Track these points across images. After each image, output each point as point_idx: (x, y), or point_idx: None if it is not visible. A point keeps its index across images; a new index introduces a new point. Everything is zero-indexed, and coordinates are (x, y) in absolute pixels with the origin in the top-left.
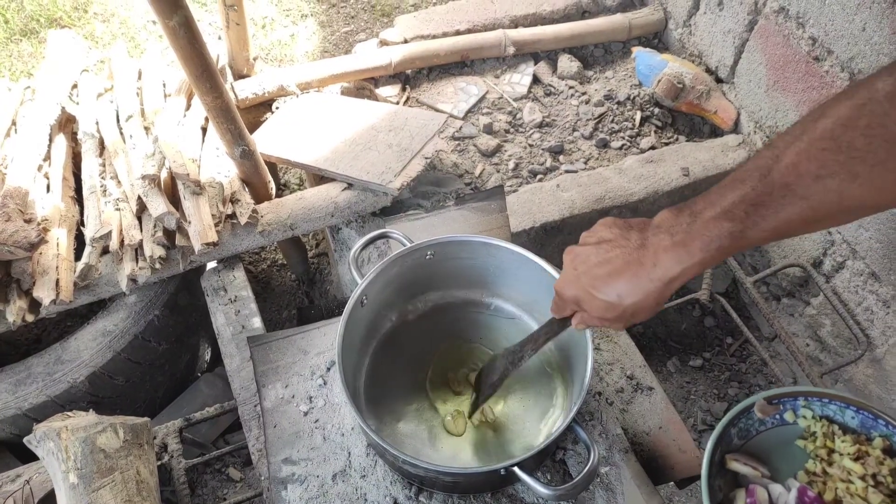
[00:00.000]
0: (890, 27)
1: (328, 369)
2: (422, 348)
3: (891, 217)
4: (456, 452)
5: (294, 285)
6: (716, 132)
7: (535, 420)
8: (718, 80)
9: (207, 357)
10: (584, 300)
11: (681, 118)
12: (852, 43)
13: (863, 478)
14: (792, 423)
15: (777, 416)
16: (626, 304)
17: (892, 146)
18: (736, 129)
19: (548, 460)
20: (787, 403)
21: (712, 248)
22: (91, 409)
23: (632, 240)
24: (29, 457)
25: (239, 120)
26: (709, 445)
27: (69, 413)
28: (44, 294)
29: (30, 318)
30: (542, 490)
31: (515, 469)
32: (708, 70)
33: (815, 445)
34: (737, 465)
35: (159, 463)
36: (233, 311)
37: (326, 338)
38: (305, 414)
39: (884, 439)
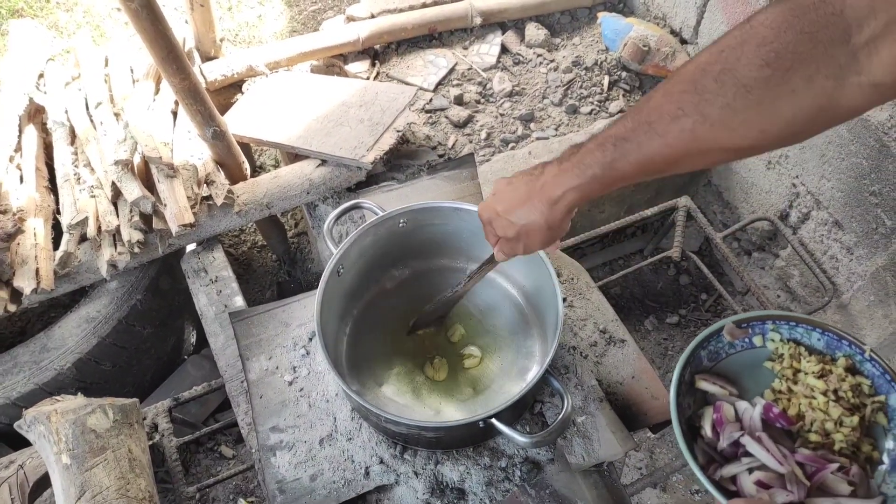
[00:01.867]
0: None
1: (310, 339)
2: (401, 315)
3: (850, 166)
4: (438, 411)
5: (275, 265)
6: None
7: (514, 378)
8: (683, 42)
9: (193, 339)
10: (493, 221)
11: (648, 81)
12: None
13: (825, 393)
14: (760, 346)
15: (746, 340)
16: (521, 223)
17: (739, 89)
18: None
19: (526, 413)
20: (756, 327)
21: (587, 175)
22: (79, 394)
23: (536, 171)
24: (19, 445)
25: (208, 101)
26: (678, 365)
27: (57, 398)
28: (24, 284)
29: (12, 308)
30: (519, 439)
31: (494, 420)
32: (672, 32)
33: (781, 366)
34: (705, 385)
35: (151, 443)
36: (214, 292)
37: (307, 310)
38: (290, 383)
39: (847, 358)
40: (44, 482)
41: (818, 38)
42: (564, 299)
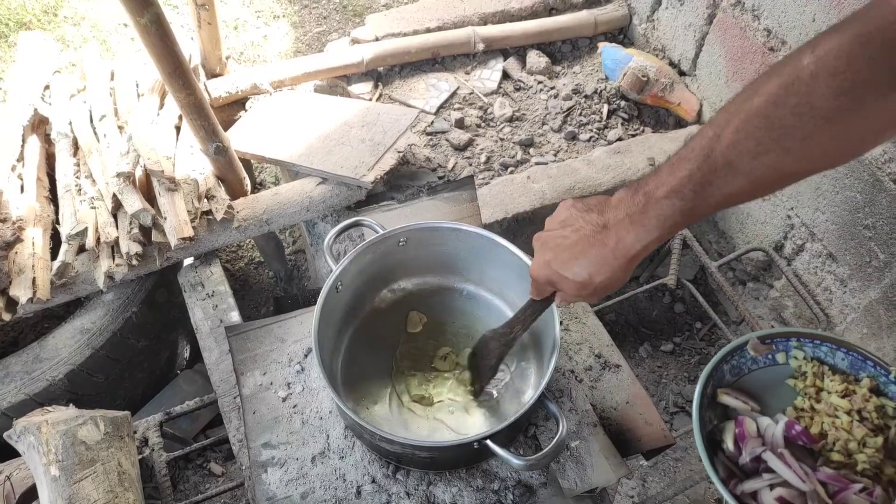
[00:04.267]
0: (837, 17)
1: (305, 356)
2: (397, 334)
3: (845, 199)
4: (431, 432)
5: (271, 282)
6: (680, 123)
7: (509, 401)
8: (681, 73)
9: (186, 354)
10: (558, 282)
11: (646, 110)
12: (804, 33)
13: (848, 413)
14: (783, 363)
15: (769, 356)
16: (597, 281)
17: (818, 121)
18: (699, 119)
19: (520, 436)
20: (780, 344)
21: (667, 225)
22: (71, 405)
23: (592, 221)
24: (7, 456)
25: (212, 116)
26: (701, 378)
27: (48, 408)
28: (20, 293)
29: (6, 317)
30: (514, 461)
31: (488, 442)
32: (671, 63)
33: (804, 384)
34: (728, 399)
35: (140, 457)
36: (211, 306)
37: (303, 326)
38: (284, 399)
39: (871, 379)
40: (31, 494)
41: (886, 63)
42: (561, 322)
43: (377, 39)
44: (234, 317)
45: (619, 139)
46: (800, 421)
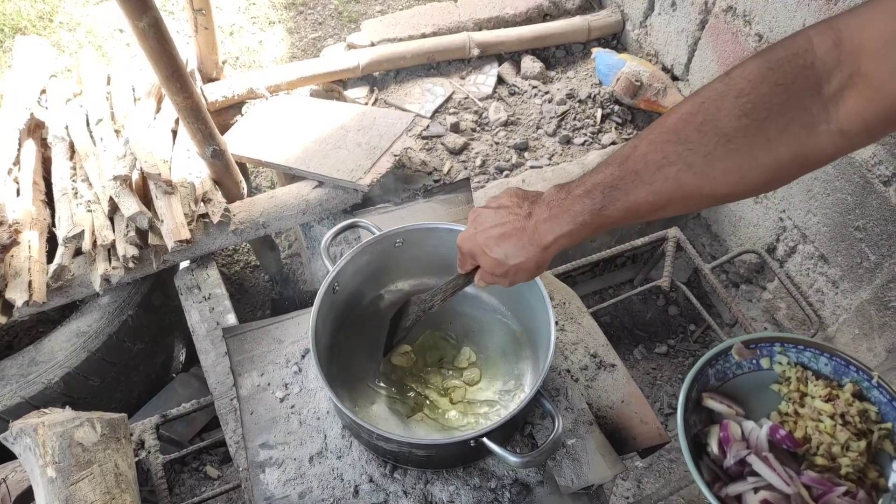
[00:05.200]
0: None
1: (303, 357)
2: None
3: (836, 202)
4: (428, 432)
5: (267, 286)
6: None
7: (505, 400)
8: (674, 78)
9: (182, 357)
10: (478, 255)
11: (639, 115)
12: None
13: (832, 417)
14: (767, 368)
15: (754, 361)
16: (510, 263)
17: (720, 139)
18: None
19: (517, 434)
20: (764, 349)
21: (577, 222)
22: (67, 407)
23: (523, 209)
24: (3, 460)
25: (209, 120)
26: (686, 382)
27: (45, 410)
28: (16, 295)
29: (2, 319)
30: (510, 458)
31: (485, 440)
32: (664, 68)
33: (788, 389)
34: (712, 403)
35: (136, 459)
36: (207, 309)
37: (300, 327)
38: (281, 400)
39: (854, 384)
40: (27, 497)
41: (792, 89)
42: (556, 322)
43: (373, 44)
44: (231, 319)
45: (613, 143)
46: (784, 425)
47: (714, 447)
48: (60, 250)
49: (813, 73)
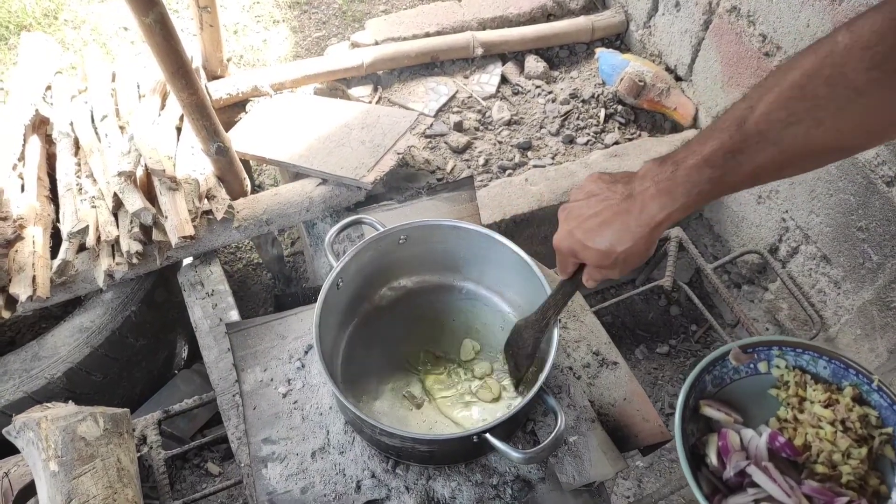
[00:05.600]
0: (832, 23)
1: (306, 352)
2: (397, 331)
3: (839, 202)
4: (431, 426)
5: (270, 284)
6: (676, 128)
7: (508, 397)
8: (678, 78)
9: (185, 354)
10: (580, 251)
11: (643, 115)
12: (798, 38)
13: (832, 423)
14: (765, 373)
15: (751, 366)
16: (619, 250)
17: (850, 93)
18: (695, 124)
19: (519, 431)
20: (762, 353)
21: (694, 193)
22: (70, 402)
23: (618, 191)
24: (5, 454)
25: (214, 117)
26: (683, 390)
27: (48, 405)
28: (20, 290)
29: (6, 314)
30: (513, 454)
31: (488, 435)
32: (667, 69)
33: (787, 394)
34: (710, 411)
35: (139, 455)
36: (210, 305)
37: (304, 323)
38: (284, 396)
39: (853, 388)
40: (29, 490)
41: None
42: (559, 320)
43: (377, 43)
44: (234, 316)
45: (616, 143)
46: (783, 432)
47: (713, 458)
48: (64, 246)
49: None
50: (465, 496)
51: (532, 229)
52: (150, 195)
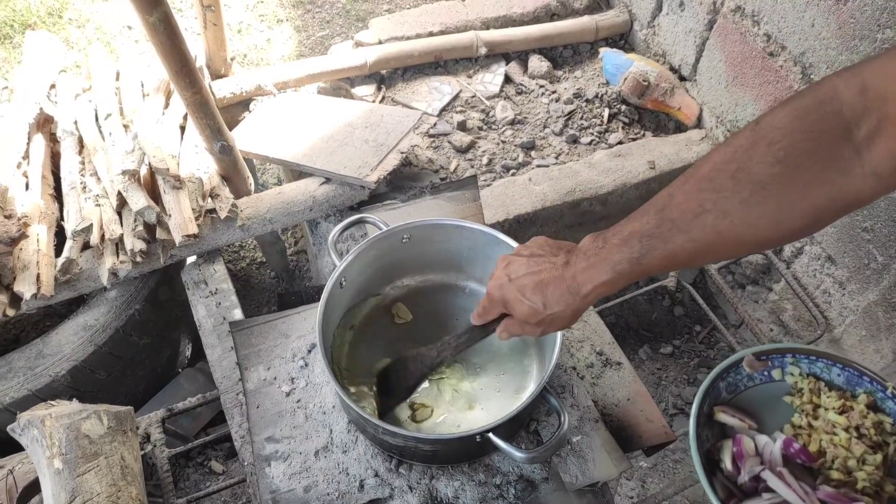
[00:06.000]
0: (836, 22)
1: (309, 351)
2: (400, 330)
3: None
4: (434, 428)
5: (273, 283)
6: (680, 128)
7: (510, 397)
8: (682, 78)
9: (188, 353)
10: (512, 303)
11: (647, 115)
12: (803, 38)
13: (847, 430)
14: (779, 380)
15: (765, 373)
16: (547, 312)
17: (755, 186)
18: (699, 124)
19: (522, 431)
20: (775, 360)
21: (616, 271)
22: (74, 399)
23: (559, 258)
24: (9, 452)
25: (218, 115)
26: (697, 396)
27: (52, 402)
28: (24, 288)
29: (10, 312)
30: (516, 454)
31: (491, 435)
32: (672, 68)
33: (801, 401)
34: (724, 417)
35: (142, 453)
36: (214, 304)
37: (307, 322)
38: (287, 394)
39: (868, 395)
40: (33, 488)
41: (822, 136)
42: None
43: (380, 42)
44: (237, 314)
45: (620, 143)
46: (798, 438)
47: (728, 463)
48: (69, 244)
49: (841, 120)
50: (469, 496)
51: (535, 229)
52: (154, 194)
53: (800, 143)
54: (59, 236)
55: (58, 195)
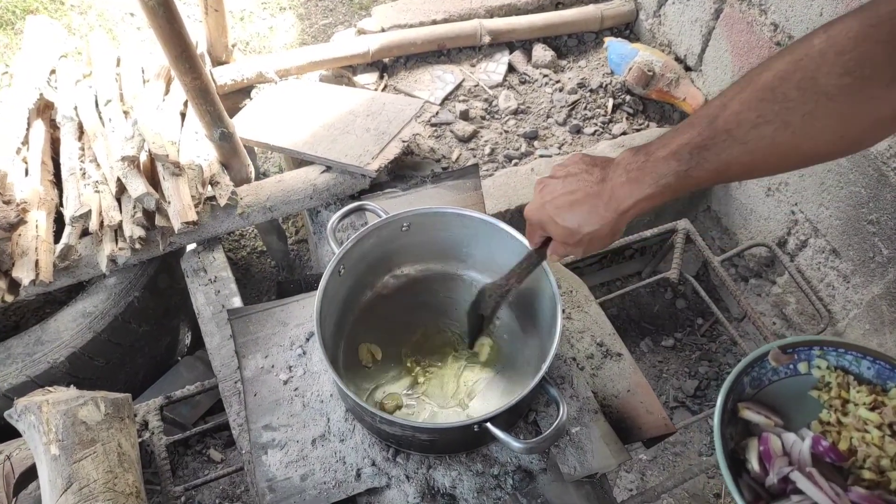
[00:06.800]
0: (845, 10)
1: (307, 339)
2: (399, 319)
3: (849, 194)
4: (433, 415)
5: (273, 271)
6: (685, 118)
7: (509, 387)
8: (687, 68)
9: (188, 340)
10: (548, 225)
11: (651, 105)
12: (811, 28)
13: (879, 427)
14: (805, 373)
15: (790, 367)
16: (584, 231)
17: (820, 98)
18: None
19: (521, 421)
20: (802, 353)
21: (660, 184)
22: (72, 386)
23: (594, 175)
24: (7, 437)
25: (218, 102)
26: (721, 393)
27: (50, 388)
28: (23, 274)
29: (9, 298)
30: (514, 444)
31: (489, 425)
32: (677, 58)
33: (829, 396)
34: (749, 414)
35: (140, 440)
36: (213, 291)
37: (305, 310)
38: (285, 382)
39: None
40: (30, 474)
41: (893, 49)
42: (563, 310)
43: (383, 30)
44: (237, 302)
45: (624, 133)
46: (826, 436)
47: (754, 463)
48: (67, 230)
49: None
50: (466, 486)
51: None
52: (154, 180)
53: (871, 53)
54: (59, 222)
55: (57, 181)
